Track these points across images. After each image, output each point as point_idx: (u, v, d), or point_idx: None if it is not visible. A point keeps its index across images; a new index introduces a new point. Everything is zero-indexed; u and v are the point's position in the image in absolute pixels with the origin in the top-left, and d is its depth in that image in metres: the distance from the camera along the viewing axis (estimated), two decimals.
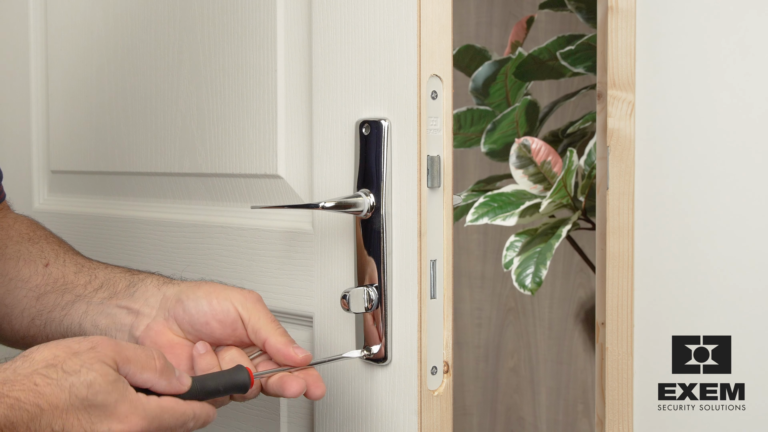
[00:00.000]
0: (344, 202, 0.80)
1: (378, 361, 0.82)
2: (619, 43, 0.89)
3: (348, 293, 0.81)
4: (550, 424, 1.96)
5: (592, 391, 1.81)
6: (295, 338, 0.92)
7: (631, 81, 0.89)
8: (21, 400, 0.61)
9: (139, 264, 1.10)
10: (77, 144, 1.21)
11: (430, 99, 0.80)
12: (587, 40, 1.33)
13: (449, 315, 0.82)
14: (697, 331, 0.90)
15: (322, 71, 0.86)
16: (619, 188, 0.90)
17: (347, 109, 0.84)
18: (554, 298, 1.94)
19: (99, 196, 1.19)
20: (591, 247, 1.41)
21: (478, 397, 2.03)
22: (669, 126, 0.90)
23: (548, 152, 1.34)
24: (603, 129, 0.91)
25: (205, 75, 1.00)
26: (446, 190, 0.81)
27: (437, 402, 0.81)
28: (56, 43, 1.24)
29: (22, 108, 1.31)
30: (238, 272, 0.96)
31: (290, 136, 0.91)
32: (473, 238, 2.01)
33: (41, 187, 1.30)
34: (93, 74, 1.17)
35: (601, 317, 0.92)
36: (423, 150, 0.79)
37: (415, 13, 0.78)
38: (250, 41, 0.94)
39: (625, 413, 0.90)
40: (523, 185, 1.37)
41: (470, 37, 1.92)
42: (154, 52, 1.07)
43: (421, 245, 0.80)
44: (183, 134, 1.04)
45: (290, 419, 0.92)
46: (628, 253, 0.90)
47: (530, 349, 1.98)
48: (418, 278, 0.80)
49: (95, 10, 1.16)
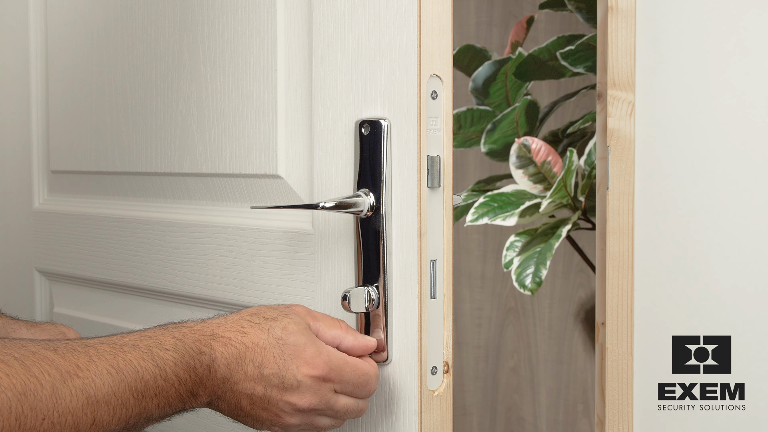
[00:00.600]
0: (344, 202, 0.80)
1: (378, 361, 0.82)
2: (619, 43, 0.89)
3: (348, 293, 0.81)
4: (550, 424, 1.96)
5: (592, 391, 1.81)
6: None
7: (631, 81, 0.89)
8: (231, 339, 0.73)
9: (139, 264, 1.10)
10: (77, 144, 1.21)
11: (430, 99, 0.80)
12: (587, 40, 1.33)
13: (449, 315, 0.82)
14: (697, 331, 0.90)
15: (322, 71, 0.86)
16: (619, 188, 0.90)
17: (347, 109, 0.84)
18: (554, 298, 1.94)
19: (99, 196, 1.19)
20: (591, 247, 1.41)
21: (478, 397, 2.03)
22: (669, 126, 0.90)
23: (548, 152, 1.34)
24: (603, 129, 0.91)
25: (205, 75, 1.00)
26: (446, 190, 0.81)
27: (437, 402, 0.81)
28: (56, 43, 1.24)
29: (22, 108, 1.31)
30: (238, 272, 0.96)
31: (290, 136, 0.91)
32: (473, 238, 2.01)
33: (41, 187, 1.30)
34: (93, 74, 1.17)
35: (601, 317, 0.92)
36: (423, 150, 0.79)
37: (415, 13, 0.78)
38: (250, 41, 0.94)
39: (625, 413, 0.90)
40: (523, 185, 1.37)
41: (470, 37, 1.92)
42: (154, 52, 1.07)
43: (421, 245, 0.80)
44: (183, 134, 1.04)
45: None
46: (628, 253, 0.90)
47: (530, 349, 1.98)
48: (418, 278, 0.80)
49: (95, 9, 1.16)
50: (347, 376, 0.76)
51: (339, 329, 0.79)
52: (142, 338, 0.69)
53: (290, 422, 0.74)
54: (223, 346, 0.72)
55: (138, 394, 0.65)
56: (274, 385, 0.73)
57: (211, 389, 0.71)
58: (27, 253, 1.31)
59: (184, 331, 0.71)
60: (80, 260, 1.20)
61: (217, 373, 0.71)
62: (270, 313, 0.76)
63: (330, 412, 0.76)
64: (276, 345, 0.73)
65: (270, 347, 0.73)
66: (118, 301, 1.16)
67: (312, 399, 0.74)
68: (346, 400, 0.77)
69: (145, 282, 1.09)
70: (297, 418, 0.74)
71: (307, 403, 0.73)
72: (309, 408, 0.74)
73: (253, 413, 0.74)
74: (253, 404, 0.73)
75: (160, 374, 0.67)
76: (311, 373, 0.73)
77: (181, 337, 0.70)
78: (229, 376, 0.72)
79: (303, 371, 0.73)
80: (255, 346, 0.73)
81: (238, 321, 0.75)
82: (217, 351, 0.71)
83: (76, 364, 0.62)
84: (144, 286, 1.10)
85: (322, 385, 0.74)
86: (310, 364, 0.74)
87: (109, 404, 0.63)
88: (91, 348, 0.65)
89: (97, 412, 0.62)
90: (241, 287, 0.96)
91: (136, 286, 1.11)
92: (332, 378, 0.75)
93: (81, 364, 0.63)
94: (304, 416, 0.75)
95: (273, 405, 0.73)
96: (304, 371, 0.73)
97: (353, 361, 0.77)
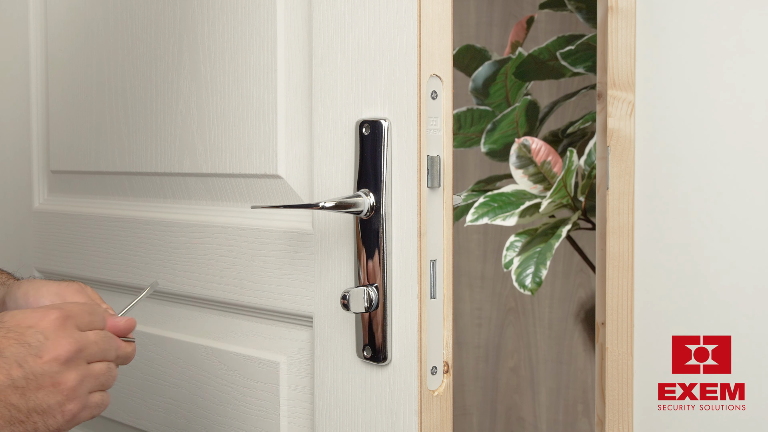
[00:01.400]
0: (344, 202, 0.80)
1: (378, 361, 0.82)
2: (619, 43, 0.89)
3: (348, 293, 0.80)
4: (550, 424, 1.96)
5: (592, 391, 1.81)
6: (295, 338, 0.92)
7: (631, 81, 0.89)
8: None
9: (139, 264, 1.10)
10: (77, 144, 1.21)
11: (430, 99, 0.80)
12: (587, 40, 1.33)
13: (449, 315, 0.82)
14: (697, 331, 0.90)
15: (322, 71, 0.86)
16: (619, 188, 0.90)
17: (347, 109, 0.84)
18: (554, 298, 1.94)
19: (99, 196, 1.19)
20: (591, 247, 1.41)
21: (478, 397, 2.03)
22: (669, 126, 0.90)
23: (548, 152, 1.34)
24: (603, 129, 0.91)
25: (205, 75, 1.00)
26: (446, 190, 0.81)
27: (437, 402, 0.81)
28: (56, 43, 1.24)
29: (22, 108, 1.31)
30: (237, 272, 0.96)
31: (290, 136, 0.91)
32: (473, 238, 2.01)
33: (41, 187, 1.30)
34: (93, 74, 1.17)
35: (601, 317, 0.92)
36: (423, 150, 0.79)
37: (415, 13, 0.78)
38: (250, 41, 0.94)
39: (625, 413, 0.90)
40: (523, 185, 1.37)
41: (470, 37, 1.92)
42: (154, 52, 1.07)
43: (421, 245, 0.79)
44: (183, 134, 1.04)
45: (290, 419, 0.92)
46: (628, 253, 0.90)
47: (530, 349, 1.98)
48: (418, 278, 0.80)
49: (95, 9, 1.16)
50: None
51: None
52: None
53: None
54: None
55: None
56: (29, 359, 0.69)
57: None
58: (27, 253, 1.31)
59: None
60: (80, 260, 1.20)
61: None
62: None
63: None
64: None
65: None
66: (118, 301, 1.16)
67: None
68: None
69: (145, 282, 1.09)
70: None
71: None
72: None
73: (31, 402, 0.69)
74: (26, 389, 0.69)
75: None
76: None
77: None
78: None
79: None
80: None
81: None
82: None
83: None
84: (144, 286, 1.10)
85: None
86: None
87: None
88: None
89: None
90: (241, 287, 0.96)
91: (136, 286, 1.11)
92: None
93: None
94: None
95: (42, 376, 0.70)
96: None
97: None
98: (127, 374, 1.10)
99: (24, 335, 0.70)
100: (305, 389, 0.91)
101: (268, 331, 0.95)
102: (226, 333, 1.01)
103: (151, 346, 1.09)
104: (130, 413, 1.13)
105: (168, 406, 1.07)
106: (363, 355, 0.83)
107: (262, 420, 0.95)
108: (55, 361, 0.70)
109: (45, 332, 0.71)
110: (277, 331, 0.94)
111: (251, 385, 0.96)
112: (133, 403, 1.13)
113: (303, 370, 0.91)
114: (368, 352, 0.83)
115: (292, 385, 0.92)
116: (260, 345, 0.96)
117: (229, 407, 0.99)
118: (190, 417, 1.04)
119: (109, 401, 0.76)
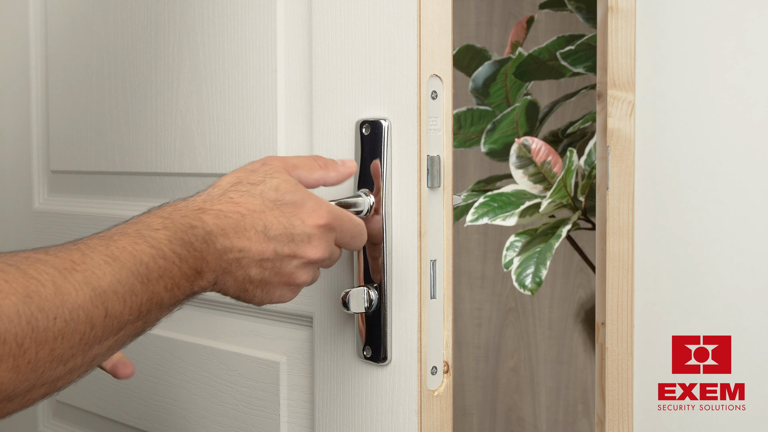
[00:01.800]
0: (344, 202, 0.80)
1: (378, 360, 0.82)
2: (619, 43, 0.89)
3: (348, 293, 0.80)
4: (550, 424, 1.96)
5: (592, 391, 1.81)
6: (295, 338, 0.92)
7: (631, 81, 0.89)
8: (223, 211, 0.69)
9: None
10: (77, 144, 1.21)
11: (430, 99, 0.80)
12: (587, 40, 1.33)
13: (449, 315, 0.82)
14: (697, 331, 0.90)
15: (322, 71, 0.86)
16: (619, 188, 0.90)
17: (347, 109, 0.84)
18: (554, 298, 1.94)
19: (99, 196, 1.19)
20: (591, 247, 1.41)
21: (478, 397, 2.03)
22: (669, 126, 0.89)
23: (548, 152, 1.34)
24: (603, 129, 0.91)
25: (205, 75, 1.00)
26: (446, 190, 0.81)
27: (437, 402, 0.81)
28: (56, 43, 1.24)
29: (22, 108, 1.31)
30: None
31: (290, 136, 0.91)
32: (473, 238, 2.01)
33: (41, 187, 1.30)
34: (93, 74, 1.17)
35: (601, 317, 0.92)
36: (423, 150, 0.79)
37: (415, 13, 0.78)
38: (250, 41, 0.94)
39: (625, 413, 0.90)
40: (523, 185, 1.37)
41: (470, 37, 1.92)
42: (154, 52, 1.07)
43: (421, 245, 0.79)
44: (183, 134, 1.04)
45: (290, 419, 0.92)
46: (628, 253, 0.90)
47: (530, 349, 1.98)
48: (418, 278, 0.80)
49: (95, 10, 1.16)
50: (346, 226, 0.75)
51: (319, 170, 0.77)
52: (128, 225, 0.65)
53: (302, 280, 0.73)
54: (216, 218, 0.68)
55: (142, 278, 0.62)
56: (285, 244, 0.70)
57: (215, 264, 0.68)
58: None
59: (168, 210, 0.68)
60: None
61: (216, 244, 0.67)
62: (254, 178, 0.73)
63: (328, 262, 0.75)
64: (274, 207, 0.71)
65: (268, 210, 0.70)
66: None
67: (324, 248, 0.72)
68: (339, 252, 0.77)
69: None
70: (308, 273, 0.73)
71: (320, 253, 0.72)
72: (320, 259, 0.72)
73: (264, 282, 0.71)
74: (263, 270, 0.70)
75: (157, 254, 0.63)
76: (318, 223, 0.72)
77: (167, 216, 0.67)
78: (231, 246, 0.68)
79: (309, 222, 0.71)
80: (252, 212, 0.70)
81: (224, 194, 0.71)
82: (210, 223, 0.67)
83: (71, 260, 0.59)
84: None
85: (328, 234, 0.73)
86: (314, 215, 0.72)
87: (116, 293, 0.59)
88: (81, 244, 0.62)
89: (107, 304, 0.59)
90: None
91: None
92: (335, 227, 0.73)
93: (75, 259, 0.59)
94: (313, 270, 0.73)
95: (285, 266, 0.71)
96: (310, 222, 0.71)
97: (348, 213, 0.76)
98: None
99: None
100: (305, 389, 0.91)
101: (268, 331, 0.96)
102: (226, 333, 1.01)
103: (151, 346, 1.09)
104: (130, 413, 1.13)
105: (168, 406, 1.07)
106: (363, 355, 0.83)
107: (262, 420, 0.95)
108: (315, 227, 0.72)
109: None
110: (277, 331, 0.94)
111: (251, 385, 0.96)
112: (133, 403, 1.13)
113: (303, 370, 0.91)
114: (368, 351, 0.83)
115: (292, 385, 0.92)
116: (260, 345, 0.96)
117: (229, 407, 0.99)
118: (189, 417, 1.04)
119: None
